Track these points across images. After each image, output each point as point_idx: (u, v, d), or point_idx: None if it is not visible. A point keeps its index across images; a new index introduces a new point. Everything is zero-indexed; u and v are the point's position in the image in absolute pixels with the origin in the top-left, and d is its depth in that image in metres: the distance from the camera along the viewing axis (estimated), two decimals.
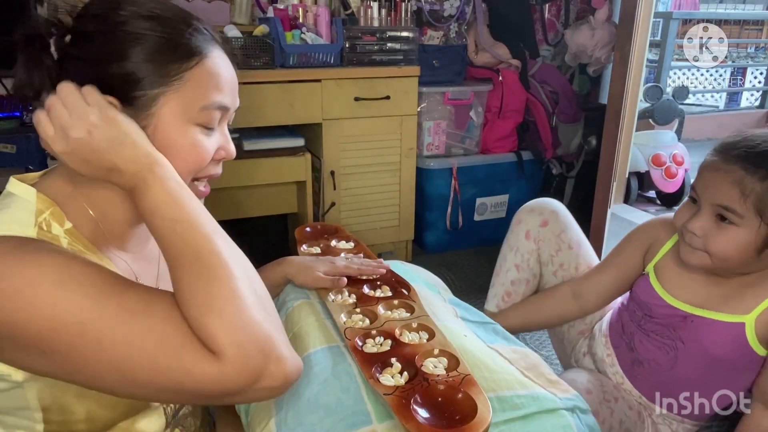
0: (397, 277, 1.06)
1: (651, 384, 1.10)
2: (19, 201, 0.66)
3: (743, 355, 0.94)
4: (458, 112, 2.50)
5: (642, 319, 1.09)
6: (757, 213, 0.83)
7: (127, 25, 0.64)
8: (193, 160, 0.68)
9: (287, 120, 2.05)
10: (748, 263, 0.89)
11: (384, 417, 0.72)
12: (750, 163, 0.84)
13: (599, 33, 2.60)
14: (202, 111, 0.67)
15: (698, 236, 0.89)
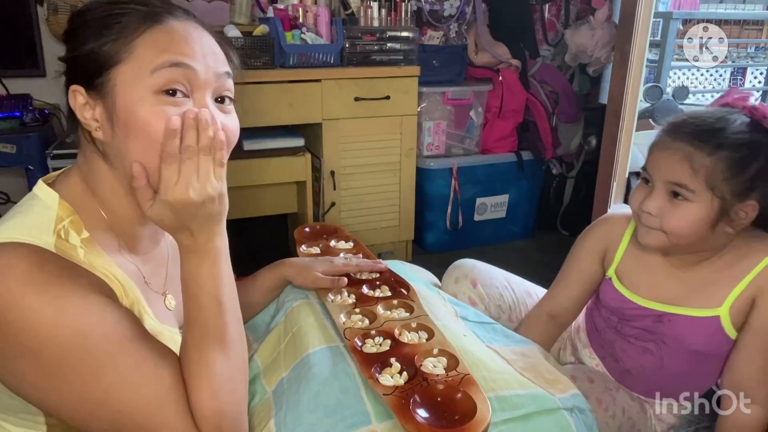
0: (397, 276, 1.06)
1: (647, 387, 1.10)
2: (42, 206, 0.67)
3: (726, 343, 0.96)
4: (458, 112, 2.50)
5: (618, 325, 1.07)
6: (708, 187, 0.85)
7: (81, 15, 0.67)
8: (152, 130, 0.63)
9: (287, 120, 2.05)
10: (703, 239, 0.89)
11: (383, 417, 0.72)
12: (697, 139, 0.85)
13: (599, 33, 2.60)
14: (155, 74, 0.63)
15: (654, 216, 0.89)
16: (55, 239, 0.63)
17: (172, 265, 0.83)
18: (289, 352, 0.89)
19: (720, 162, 0.84)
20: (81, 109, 0.67)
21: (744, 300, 0.93)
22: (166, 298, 0.80)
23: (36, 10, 1.98)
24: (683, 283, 0.97)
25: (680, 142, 0.87)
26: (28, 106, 1.95)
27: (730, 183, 0.84)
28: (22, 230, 0.63)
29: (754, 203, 0.87)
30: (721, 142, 0.85)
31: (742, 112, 0.88)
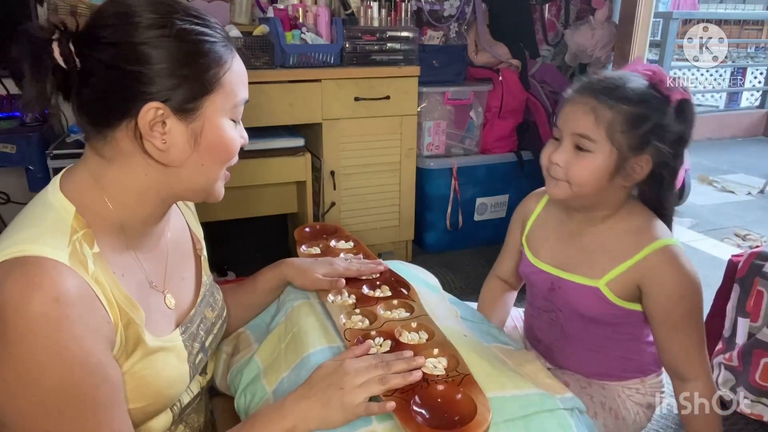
0: (397, 276, 1.06)
1: (575, 363, 1.12)
2: (56, 216, 0.68)
3: (614, 311, 1.00)
4: (458, 112, 2.50)
5: (531, 297, 1.16)
6: (608, 138, 0.93)
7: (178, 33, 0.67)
8: (232, 152, 0.75)
9: (287, 120, 2.05)
10: (602, 190, 0.97)
11: (384, 417, 0.72)
12: (601, 94, 0.93)
13: (599, 33, 2.61)
14: (236, 107, 0.74)
15: (561, 167, 0.96)
16: (70, 251, 0.64)
17: (172, 263, 0.84)
18: (290, 352, 0.89)
19: (619, 115, 0.92)
20: (151, 125, 0.67)
21: (624, 281, 0.98)
22: (166, 297, 0.80)
23: (36, 10, 1.98)
24: (573, 249, 1.05)
25: (586, 98, 0.95)
26: None
27: (627, 136, 0.92)
28: (39, 241, 0.63)
29: (647, 158, 0.95)
30: (621, 97, 0.93)
31: (643, 77, 0.97)
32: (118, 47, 0.65)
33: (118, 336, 0.68)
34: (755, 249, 1.41)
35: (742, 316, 1.35)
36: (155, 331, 0.74)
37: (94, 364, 0.62)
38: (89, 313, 0.64)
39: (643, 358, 1.10)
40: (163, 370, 0.74)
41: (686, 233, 2.84)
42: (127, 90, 0.66)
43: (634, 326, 1.05)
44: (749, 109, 5.54)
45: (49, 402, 0.60)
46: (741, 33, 6.89)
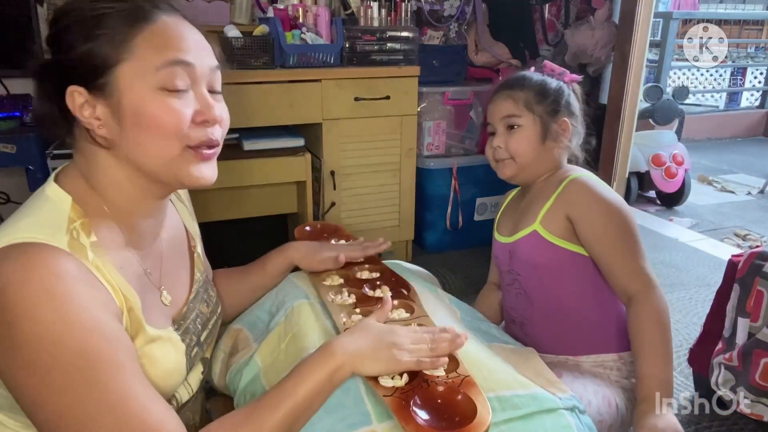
0: (397, 277, 1.07)
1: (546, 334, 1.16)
2: (53, 206, 0.68)
3: (556, 253, 1.11)
4: (458, 112, 2.49)
5: (501, 278, 1.27)
6: (528, 111, 1.13)
7: (64, 17, 0.68)
8: (166, 125, 0.68)
9: (287, 120, 2.05)
10: (540, 155, 1.15)
11: (384, 417, 0.72)
12: (511, 85, 1.17)
13: (599, 33, 2.61)
14: (159, 71, 0.67)
15: (502, 147, 1.15)
16: (68, 239, 0.65)
17: (167, 260, 0.84)
18: (290, 352, 0.89)
19: (530, 92, 1.14)
20: (80, 108, 0.68)
21: (553, 217, 1.11)
22: (162, 294, 0.81)
23: (36, 10, 1.98)
24: (518, 213, 1.20)
25: (501, 91, 1.18)
26: (28, 106, 1.95)
27: (541, 105, 1.14)
28: (37, 230, 0.64)
29: (565, 120, 1.14)
30: (526, 83, 1.16)
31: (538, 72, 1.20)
32: (51, 41, 0.69)
33: (124, 318, 0.68)
34: (755, 249, 1.40)
35: (742, 316, 1.35)
36: (152, 324, 0.74)
37: (107, 331, 0.63)
38: (92, 289, 0.64)
39: (607, 327, 1.13)
40: (161, 360, 0.74)
41: (686, 233, 2.84)
42: (58, 78, 0.68)
43: (579, 275, 1.12)
44: (749, 109, 5.54)
45: (73, 371, 0.60)
46: (741, 33, 6.89)
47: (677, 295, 2.18)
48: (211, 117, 0.71)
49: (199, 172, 0.73)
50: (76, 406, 0.60)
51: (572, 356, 1.14)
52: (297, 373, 0.74)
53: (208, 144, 0.72)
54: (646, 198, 3.33)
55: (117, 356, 0.63)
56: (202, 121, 0.71)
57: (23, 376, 0.60)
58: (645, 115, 3.16)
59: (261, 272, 1.07)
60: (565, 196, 1.09)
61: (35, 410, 0.61)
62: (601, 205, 1.07)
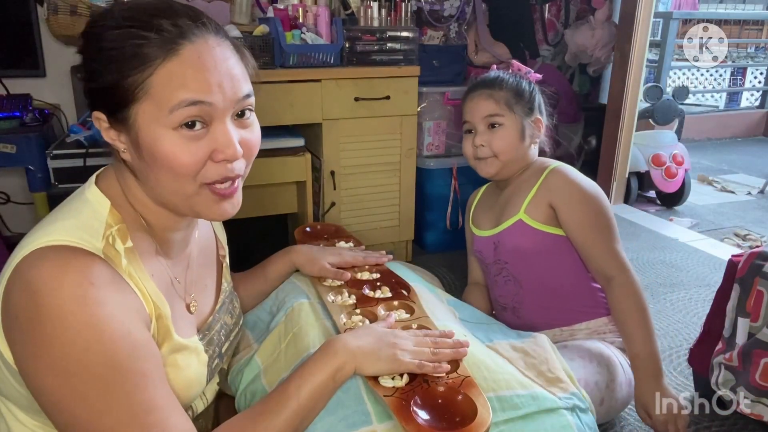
0: (397, 278, 1.07)
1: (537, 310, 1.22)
2: (92, 210, 0.69)
3: (540, 237, 1.18)
4: (458, 112, 2.49)
5: (486, 272, 1.32)
6: (509, 109, 1.20)
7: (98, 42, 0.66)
8: (178, 167, 0.66)
9: (287, 120, 2.05)
10: (519, 152, 1.21)
11: (384, 417, 0.72)
12: (489, 85, 1.22)
13: (599, 33, 2.61)
14: (173, 113, 0.64)
15: (485, 146, 1.20)
16: (104, 244, 0.65)
17: (194, 268, 0.84)
18: (290, 352, 0.89)
19: (509, 92, 1.21)
20: (106, 132, 0.69)
21: (537, 205, 1.18)
22: (191, 303, 0.81)
23: (36, 10, 1.98)
24: (499, 207, 1.26)
25: (480, 90, 1.22)
26: (28, 106, 1.95)
27: (519, 104, 1.20)
28: (73, 233, 0.64)
29: (539, 118, 1.23)
30: (502, 82, 1.22)
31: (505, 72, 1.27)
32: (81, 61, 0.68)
33: (152, 325, 0.69)
34: (755, 249, 1.40)
35: (742, 316, 1.35)
36: (179, 333, 0.75)
37: (135, 340, 0.63)
38: (124, 297, 0.64)
39: (594, 294, 1.21)
40: (184, 370, 0.74)
41: (686, 233, 2.84)
42: (86, 98, 0.69)
43: (564, 254, 1.20)
44: (749, 109, 5.53)
45: (98, 379, 0.60)
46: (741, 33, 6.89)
47: (677, 295, 2.18)
48: (231, 155, 0.68)
49: (219, 209, 0.71)
50: (98, 413, 0.60)
51: (566, 326, 1.21)
52: (300, 373, 0.74)
53: (225, 180, 0.70)
54: (646, 198, 3.32)
55: (143, 366, 0.63)
56: (221, 159, 0.68)
57: (48, 378, 0.60)
58: (645, 115, 3.16)
59: (262, 277, 1.08)
60: (547, 185, 1.18)
61: (57, 413, 0.62)
62: (581, 193, 1.16)
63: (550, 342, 0.97)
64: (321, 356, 0.76)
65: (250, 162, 0.72)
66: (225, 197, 0.71)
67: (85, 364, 0.59)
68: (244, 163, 0.71)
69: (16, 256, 0.63)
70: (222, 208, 0.71)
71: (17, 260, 0.62)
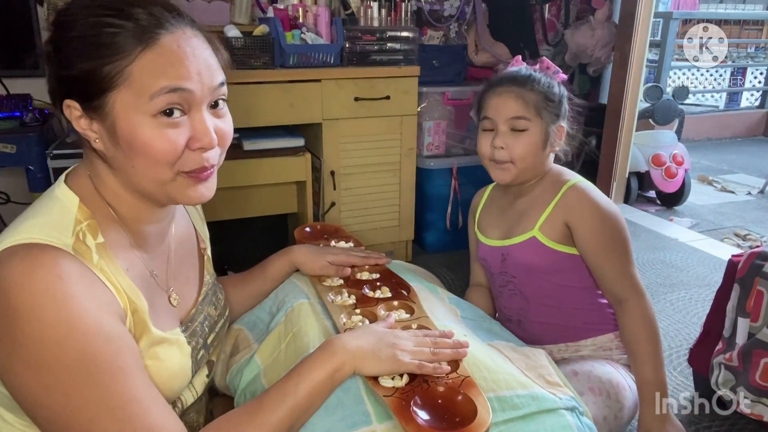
0: (397, 278, 1.07)
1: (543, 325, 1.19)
2: (61, 207, 0.69)
3: (553, 256, 1.12)
4: (458, 112, 2.49)
5: (492, 281, 1.27)
6: (537, 114, 1.10)
7: (67, 30, 0.66)
8: (157, 154, 0.66)
9: (287, 120, 2.05)
10: (538, 161, 1.14)
11: (384, 417, 0.72)
12: (520, 83, 1.11)
13: (599, 33, 2.61)
14: (153, 100, 0.65)
15: (504, 149, 1.10)
16: (73, 241, 0.65)
17: (175, 261, 0.84)
18: (290, 352, 0.89)
19: (539, 95, 1.10)
20: (77, 121, 0.68)
21: (552, 223, 1.12)
22: (171, 296, 0.81)
23: (36, 10, 1.98)
24: (511, 218, 1.19)
25: (509, 86, 1.11)
26: (28, 106, 1.95)
27: (548, 108, 1.11)
28: (42, 231, 0.64)
29: (563, 125, 1.14)
30: (534, 82, 1.12)
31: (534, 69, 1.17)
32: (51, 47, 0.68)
33: (128, 319, 0.68)
34: (755, 249, 1.40)
35: (742, 316, 1.35)
36: (158, 325, 0.74)
37: (110, 332, 0.63)
38: (95, 291, 0.64)
39: (601, 310, 1.18)
40: (166, 362, 0.74)
41: (686, 233, 2.84)
42: (56, 88, 0.68)
43: (576, 273, 1.15)
44: (749, 109, 5.53)
45: (74, 374, 0.60)
46: (741, 33, 6.89)
47: (677, 295, 2.18)
48: (207, 143, 0.69)
49: (195, 192, 0.72)
50: (76, 407, 0.60)
51: (572, 342, 1.18)
52: (298, 371, 0.74)
53: (201, 169, 0.71)
54: (646, 198, 3.32)
55: (119, 358, 0.63)
56: (197, 147, 0.69)
57: (25, 376, 0.60)
58: (645, 115, 3.16)
59: (262, 277, 1.07)
60: (564, 203, 1.11)
61: (36, 410, 0.62)
62: (600, 213, 1.09)
63: (549, 358, 0.96)
64: (320, 355, 0.76)
65: (224, 151, 0.74)
66: (200, 180, 0.72)
67: (59, 359, 0.59)
68: (218, 152, 0.73)
69: None
70: (198, 191, 0.72)
71: None
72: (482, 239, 1.24)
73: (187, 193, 0.71)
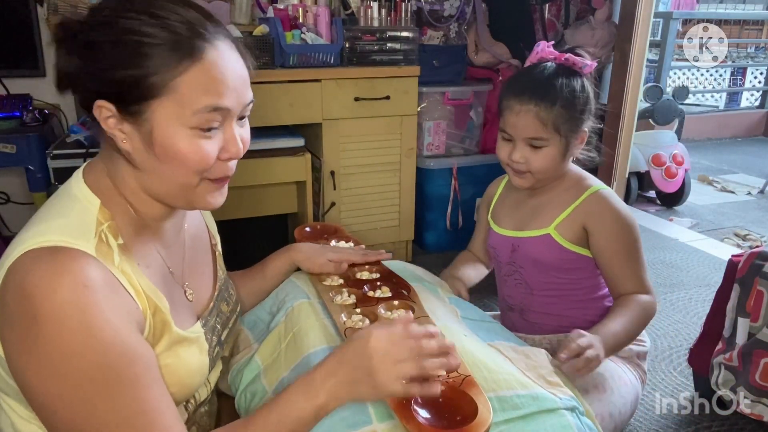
0: (397, 278, 1.07)
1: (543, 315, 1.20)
2: (81, 208, 0.69)
3: (566, 255, 1.14)
4: (458, 112, 2.50)
5: (498, 270, 1.29)
6: (556, 132, 1.08)
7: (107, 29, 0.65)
8: (192, 164, 0.69)
9: (287, 120, 2.05)
10: (559, 169, 1.14)
11: (384, 417, 0.72)
12: (539, 97, 1.07)
13: (599, 33, 2.61)
14: (195, 115, 0.66)
15: (522, 163, 1.11)
16: (96, 242, 0.66)
17: (190, 257, 0.85)
18: (290, 352, 0.89)
19: (559, 111, 1.07)
20: (105, 120, 0.68)
21: (570, 224, 1.13)
22: (186, 290, 0.82)
23: (36, 10, 1.98)
24: (526, 211, 1.20)
25: (526, 104, 1.08)
26: (28, 106, 1.95)
27: (568, 123, 1.09)
28: (65, 232, 0.64)
29: (585, 131, 1.13)
30: (555, 95, 1.07)
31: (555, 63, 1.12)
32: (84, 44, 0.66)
33: (147, 323, 0.69)
34: (755, 249, 1.41)
35: (742, 316, 1.35)
36: (178, 323, 0.75)
37: (126, 344, 0.63)
38: (117, 299, 0.65)
39: (603, 305, 1.20)
40: (186, 360, 0.75)
41: (686, 233, 2.84)
42: (86, 86, 0.68)
43: (584, 272, 1.17)
44: (749, 109, 5.53)
45: (85, 384, 0.61)
46: (741, 33, 6.89)
47: (677, 295, 2.18)
48: (235, 153, 0.72)
49: (213, 199, 0.75)
50: (85, 416, 0.61)
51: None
52: (280, 409, 0.72)
53: (224, 179, 0.74)
54: (646, 198, 3.32)
55: (131, 370, 0.63)
56: (226, 158, 0.72)
57: (39, 378, 0.61)
58: (645, 115, 3.16)
59: (261, 276, 1.07)
60: (585, 208, 1.13)
61: (46, 413, 0.62)
62: (619, 221, 1.12)
63: (550, 358, 0.95)
64: (303, 393, 0.73)
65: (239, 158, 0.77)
66: (220, 187, 0.75)
67: (75, 367, 0.60)
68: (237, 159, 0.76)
69: (9, 256, 0.63)
70: (215, 198, 0.75)
71: (10, 261, 0.63)
72: (494, 228, 1.26)
73: (207, 200, 0.74)
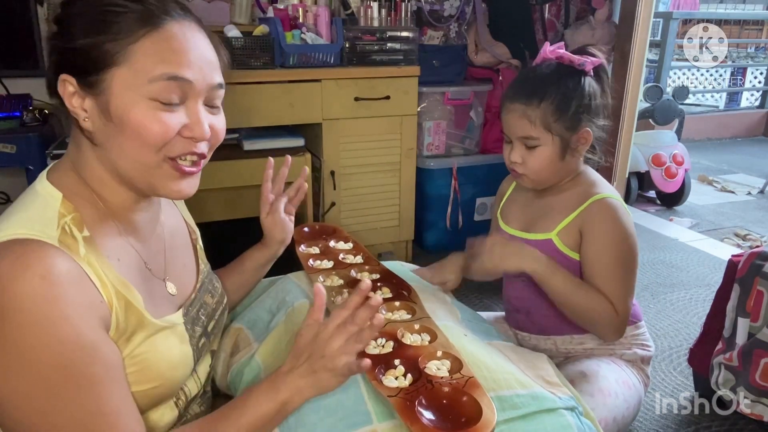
0: (398, 278, 1.07)
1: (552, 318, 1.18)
2: (42, 202, 0.68)
3: (566, 262, 1.12)
4: (458, 112, 2.49)
5: None
6: (547, 130, 1.06)
7: (74, 5, 0.67)
8: (148, 135, 0.66)
9: (287, 120, 2.05)
10: (559, 170, 1.12)
11: (384, 417, 0.72)
12: (526, 97, 1.07)
13: (599, 33, 2.61)
14: (152, 84, 0.65)
15: (519, 163, 1.11)
16: (59, 233, 0.64)
17: (170, 251, 0.84)
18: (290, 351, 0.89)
19: (548, 108, 1.05)
20: (69, 97, 0.68)
21: (570, 230, 1.12)
22: (167, 285, 0.81)
23: (36, 10, 1.98)
24: (534, 212, 1.19)
25: (515, 104, 1.08)
26: (28, 106, 1.95)
27: (560, 122, 1.06)
28: (25, 225, 0.63)
29: (587, 131, 1.08)
30: (543, 92, 1.06)
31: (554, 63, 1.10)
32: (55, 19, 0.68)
33: (113, 317, 0.67)
34: (755, 249, 1.41)
35: (742, 316, 1.35)
36: (156, 315, 0.74)
37: (86, 342, 0.62)
38: (79, 291, 0.63)
39: None
40: (166, 351, 0.74)
41: (686, 233, 2.84)
42: (52, 60, 0.68)
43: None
44: (749, 109, 5.53)
45: (43, 381, 0.59)
46: (741, 33, 6.89)
47: (677, 295, 2.18)
48: (199, 134, 0.70)
49: (176, 186, 0.72)
50: (42, 414, 0.60)
51: (578, 335, 1.18)
52: (243, 403, 0.72)
53: (190, 154, 0.71)
54: (646, 198, 3.33)
55: (91, 370, 0.62)
56: (189, 136, 0.69)
57: None
58: (645, 115, 3.16)
59: (239, 270, 1.05)
60: (585, 215, 1.10)
61: (2, 410, 0.61)
62: (617, 235, 1.08)
63: (550, 361, 0.95)
64: (265, 390, 0.72)
65: (213, 148, 0.74)
66: (185, 175, 0.72)
67: (31, 363, 0.59)
68: (208, 146, 0.73)
69: None
70: (179, 185, 0.72)
71: None
72: (503, 226, 1.25)
73: (168, 186, 0.71)
